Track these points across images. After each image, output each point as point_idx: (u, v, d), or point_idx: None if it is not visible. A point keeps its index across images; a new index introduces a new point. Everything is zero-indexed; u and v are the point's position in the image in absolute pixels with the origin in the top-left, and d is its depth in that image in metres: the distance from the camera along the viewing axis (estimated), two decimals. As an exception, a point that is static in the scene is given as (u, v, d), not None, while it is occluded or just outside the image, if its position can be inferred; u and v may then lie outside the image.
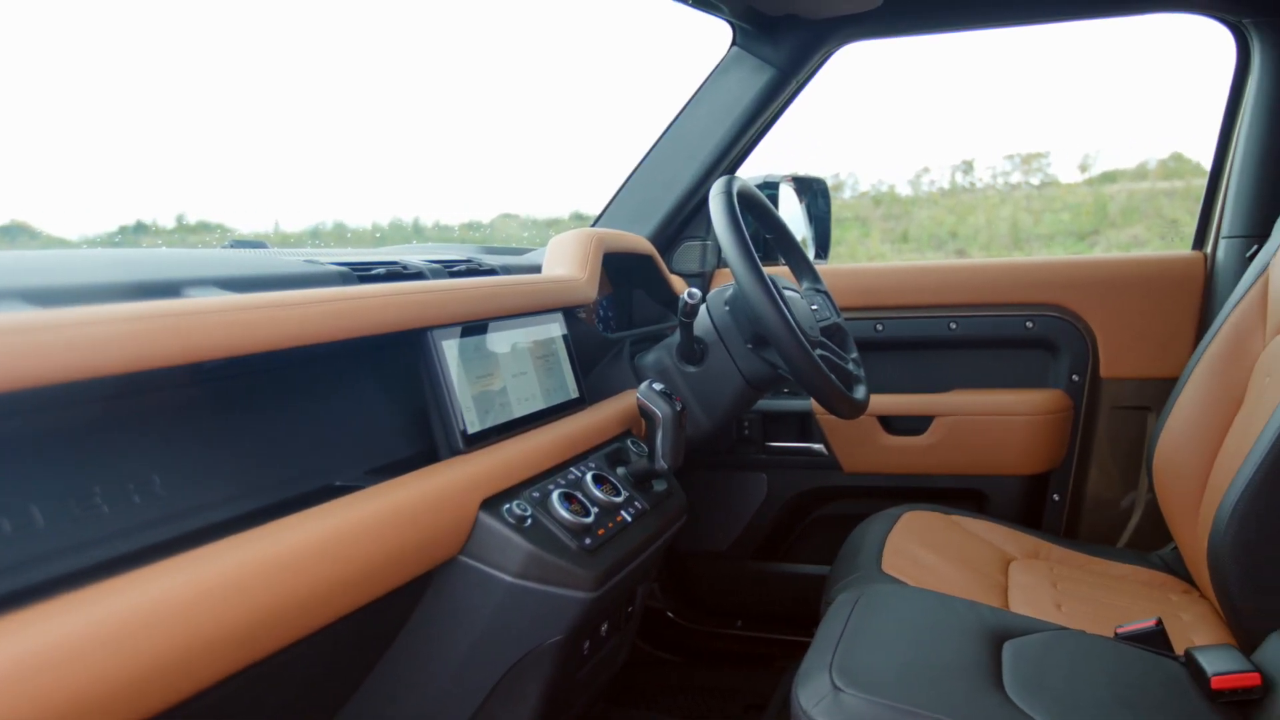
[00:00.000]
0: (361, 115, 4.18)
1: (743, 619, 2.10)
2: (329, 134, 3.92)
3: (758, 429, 2.01)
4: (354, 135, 4.11)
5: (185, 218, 2.35)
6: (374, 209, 4.61)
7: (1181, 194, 6.92)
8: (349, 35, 3.90)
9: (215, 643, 0.67)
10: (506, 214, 4.08)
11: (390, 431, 1.09)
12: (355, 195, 3.98)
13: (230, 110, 3.16)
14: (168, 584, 0.65)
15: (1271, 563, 1.15)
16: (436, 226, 3.39)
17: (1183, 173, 7.06)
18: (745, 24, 1.82)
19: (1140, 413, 1.85)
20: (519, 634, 1.03)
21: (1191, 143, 7.11)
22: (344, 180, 3.67)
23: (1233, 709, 1.03)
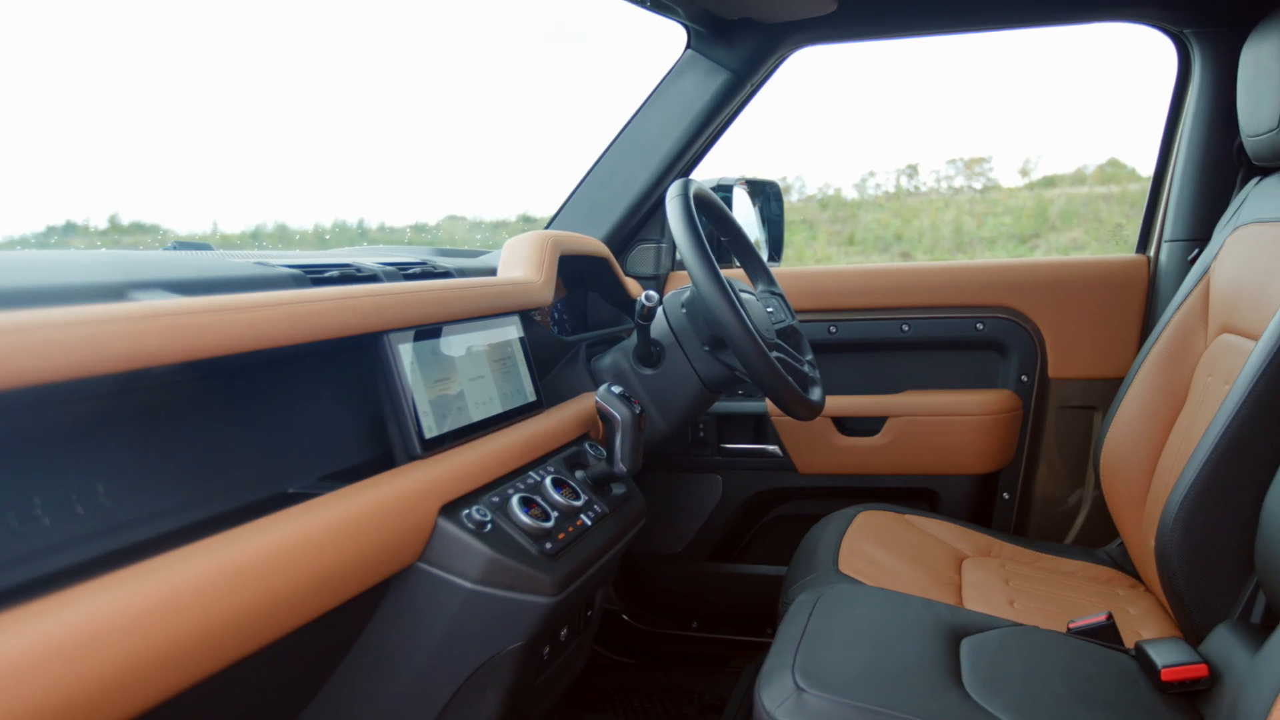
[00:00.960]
0: (302, 115, 4.10)
1: (698, 620, 2.10)
2: (269, 134, 3.84)
3: (713, 431, 2.02)
4: (295, 136, 4.03)
5: (119, 218, 2.28)
6: (317, 210, 4.52)
7: (1118, 198, 7.12)
8: (291, 36, 3.84)
9: (163, 660, 0.65)
10: (453, 216, 4.04)
11: (344, 437, 1.07)
12: (297, 196, 3.90)
13: (165, 109, 3.08)
14: (113, 599, 0.63)
15: (1216, 557, 1.18)
16: (382, 228, 3.34)
17: (1119, 178, 7.26)
18: (700, 27, 1.82)
19: (1087, 412, 1.89)
20: (479, 641, 1.02)
21: (1127, 149, 7.31)
22: (285, 181, 3.60)
23: (1182, 700, 1.06)
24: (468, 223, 4.18)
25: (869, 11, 1.80)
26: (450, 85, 5.98)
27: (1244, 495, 1.15)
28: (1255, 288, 1.31)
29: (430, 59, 5.71)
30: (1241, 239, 1.42)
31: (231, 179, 3.39)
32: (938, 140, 8.19)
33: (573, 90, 7.44)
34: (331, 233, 2.80)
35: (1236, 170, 1.69)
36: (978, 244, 7.11)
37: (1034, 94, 8.43)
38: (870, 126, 8.89)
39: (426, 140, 5.26)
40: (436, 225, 3.83)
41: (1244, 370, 1.19)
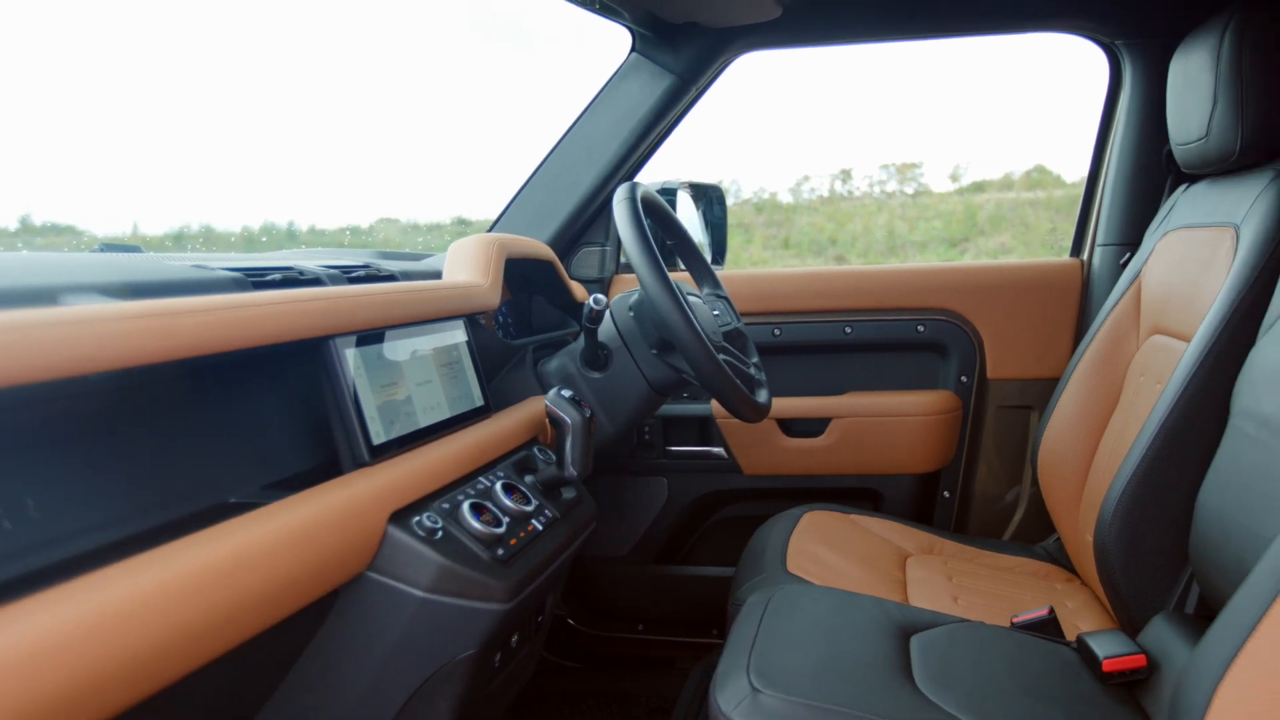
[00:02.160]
0: (226, 114, 3.99)
1: (644, 623, 2.10)
2: (191, 133, 3.72)
3: (658, 434, 2.02)
4: (218, 135, 3.92)
5: (30, 218, 2.19)
6: (244, 212, 4.39)
7: (1044, 204, 7.34)
8: (215, 32, 3.73)
9: (103, 681, 0.62)
10: (386, 218, 3.98)
11: (286, 444, 1.04)
12: (222, 197, 3.78)
13: (80, 106, 2.96)
14: (48, 618, 0.60)
15: (1152, 551, 1.22)
16: (312, 230, 3.27)
17: (1045, 184, 7.49)
18: (646, 31, 1.82)
19: (1024, 411, 1.94)
20: (430, 650, 1.00)
21: (1052, 155, 7.54)
22: (209, 181, 3.50)
23: (1122, 690, 1.09)
24: (401, 225, 4.12)
25: (812, 18, 1.83)
26: (381, 86, 5.88)
27: (1178, 490, 1.20)
28: (1185, 290, 1.36)
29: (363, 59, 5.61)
30: (1171, 244, 1.47)
31: (150, 178, 3.28)
32: (871, 146, 8.34)
33: (508, 92, 7.39)
34: (258, 235, 2.73)
35: (1165, 177, 1.75)
36: (910, 247, 7.26)
37: (963, 101, 8.64)
38: (805, 131, 9.00)
39: (357, 141, 5.15)
40: (370, 227, 3.76)
41: (1176, 370, 1.23)
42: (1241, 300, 1.17)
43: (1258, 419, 1.06)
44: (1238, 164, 1.31)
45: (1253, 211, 1.23)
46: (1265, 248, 1.17)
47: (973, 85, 7.33)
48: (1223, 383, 1.17)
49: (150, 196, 3.28)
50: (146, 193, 3.25)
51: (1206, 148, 1.34)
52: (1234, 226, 1.26)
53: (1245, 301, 1.17)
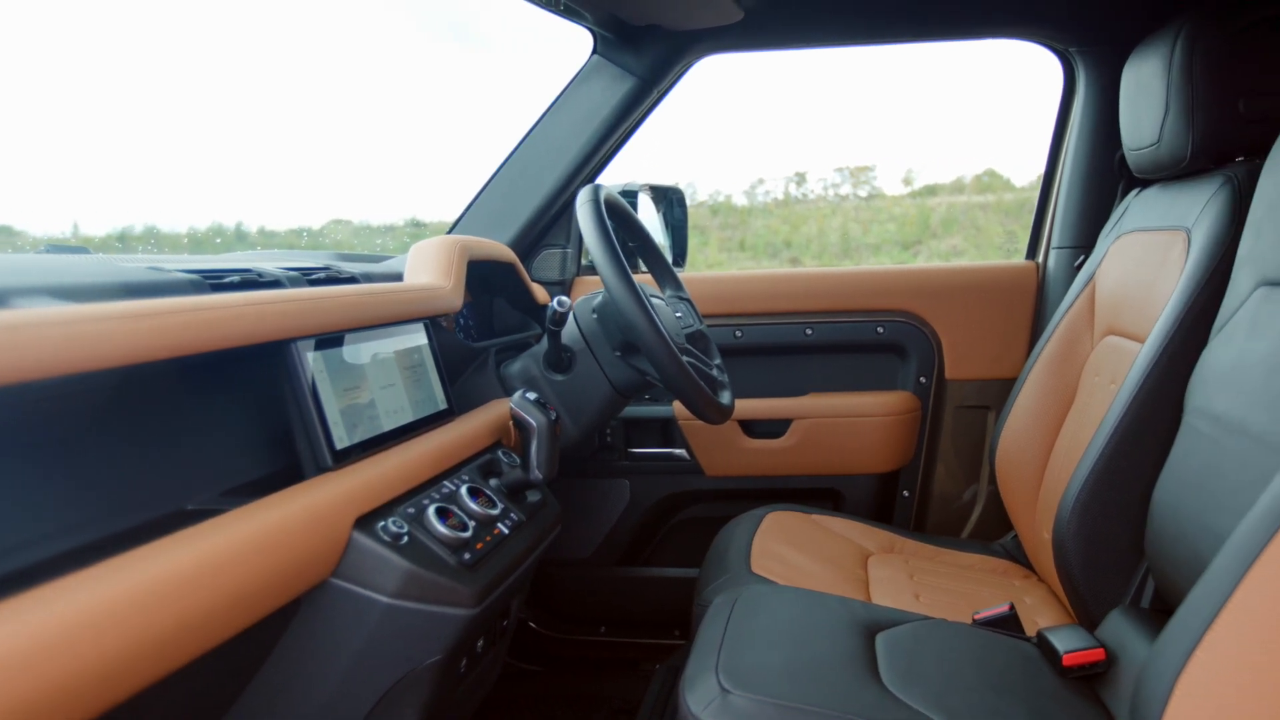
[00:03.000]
0: (169, 111, 3.88)
1: (606, 625, 2.10)
2: (130, 131, 3.62)
3: (620, 436, 2.02)
4: (160, 133, 3.81)
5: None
6: (189, 212, 4.28)
7: (994, 207, 7.47)
8: (156, 28, 3.63)
9: (51, 697, 0.60)
10: (338, 219, 3.91)
11: (245, 449, 1.02)
12: (165, 197, 3.67)
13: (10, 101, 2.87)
14: (2, 631, 0.58)
15: (1109, 547, 1.25)
16: (262, 232, 3.21)
17: (995, 187, 7.62)
18: (608, 33, 1.82)
19: (981, 411, 1.97)
20: (396, 657, 0.98)
21: (1003, 160, 7.68)
22: (151, 180, 3.40)
23: (1081, 683, 1.11)
24: (354, 226, 4.06)
25: (774, 22, 1.84)
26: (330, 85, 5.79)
27: (1134, 488, 1.22)
28: (1138, 292, 1.39)
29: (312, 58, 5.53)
30: (1123, 246, 1.51)
31: (89, 176, 3.18)
32: (825, 149, 8.41)
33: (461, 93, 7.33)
34: (205, 235, 2.66)
35: (1118, 181, 1.80)
36: (863, 250, 7.34)
37: (915, 106, 8.76)
38: (760, 135, 9.06)
39: (307, 141, 5.06)
40: (321, 229, 3.69)
41: (1132, 370, 1.26)
42: (1194, 302, 1.20)
43: (1210, 417, 1.09)
44: (1188, 169, 1.34)
45: (1203, 215, 1.26)
46: (1216, 251, 1.21)
47: (925, 90, 7.44)
48: (1176, 382, 1.20)
49: (89, 195, 3.18)
50: (85, 191, 3.15)
51: (1158, 153, 1.38)
52: (1185, 230, 1.30)
53: (1197, 303, 1.20)
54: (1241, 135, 1.28)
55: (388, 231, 4.27)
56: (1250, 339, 1.05)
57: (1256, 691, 0.67)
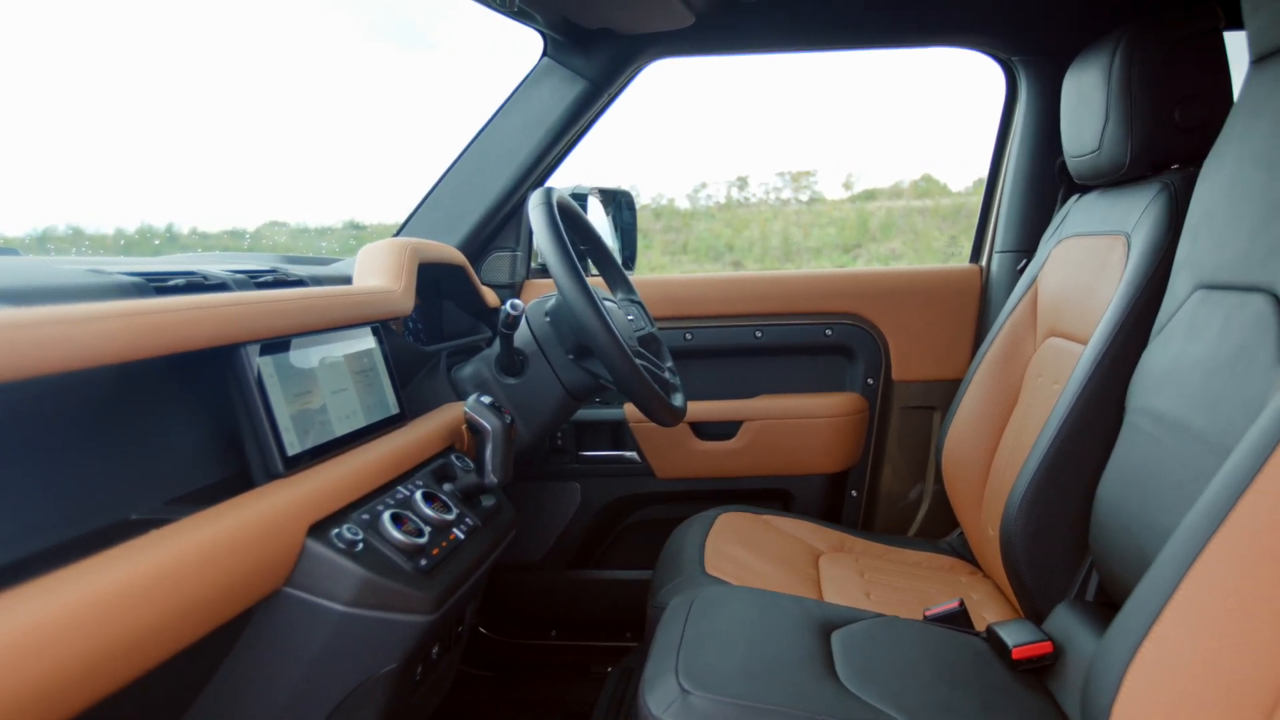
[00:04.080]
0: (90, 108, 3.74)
1: (557, 628, 2.09)
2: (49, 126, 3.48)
3: (570, 439, 2.01)
4: (80, 129, 3.67)
5: None
6: (115, 212, 4.13)
7: (932, 212, 7.63)
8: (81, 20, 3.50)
9: (4, 713, 0.58)
10: (274, 221, 3.84)
11: (190, 456, 0.99)
12: (89, 196, 3.54)
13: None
14: None
15: (1055, 542, 1.28)
16: (194, 233, 3.13)
17: (932, 192, 7.79)
18: (558, 35, 1.81)
19: (927, 412, 2.01)
20: (351, 666, 0.97)
21: (939, 166, 7.84)
22: (73, 179, 3.28)
23: (1030, 676, 1.14)
24: (290, 228, 3.97)
25: (724, 27, 1.85)
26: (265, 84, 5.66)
27: (1078, 485, 1.26)
28: (1079, 295, 1.43)
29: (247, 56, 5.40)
30: (1065, 251, 1.55)
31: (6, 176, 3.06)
32: (766, 153, 8.50)
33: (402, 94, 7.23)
34: (134, 237, 2.58)
35: (1058, 187, 1.85)
36: (804, 253, 7.44)
37: (855, 112, 8.90)
38: (702, 139, 9.12)
39: (239, 140, 4.93)
40: (256, 231, 3.61)
41: (1075, 371, 1.29)
42: (1134, 305, 1.24)
43: (1152, 416, 1.12)
44: (1127, 175, 1.39)
45: (1142, 221, 1.30)
46: (1155, 255, 1.25)
47: (864, 96, 7.58)
48: (1118, 382, 1.23)
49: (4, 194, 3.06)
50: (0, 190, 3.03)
51: (1099, 160, 1.42)
52: (1125, 235, 1.34)
53: (1138, 306, 1.24)
54: (1177, 143, 1.32)
55: (327, 233, 4.20)
56: (1189, 341, 1.09)
57: (1202, 679, 0.70)
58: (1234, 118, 1.13)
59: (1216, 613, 0.71)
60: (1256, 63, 1.10)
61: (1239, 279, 1.02)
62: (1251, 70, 1.11)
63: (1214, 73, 1.31)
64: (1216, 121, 1.22)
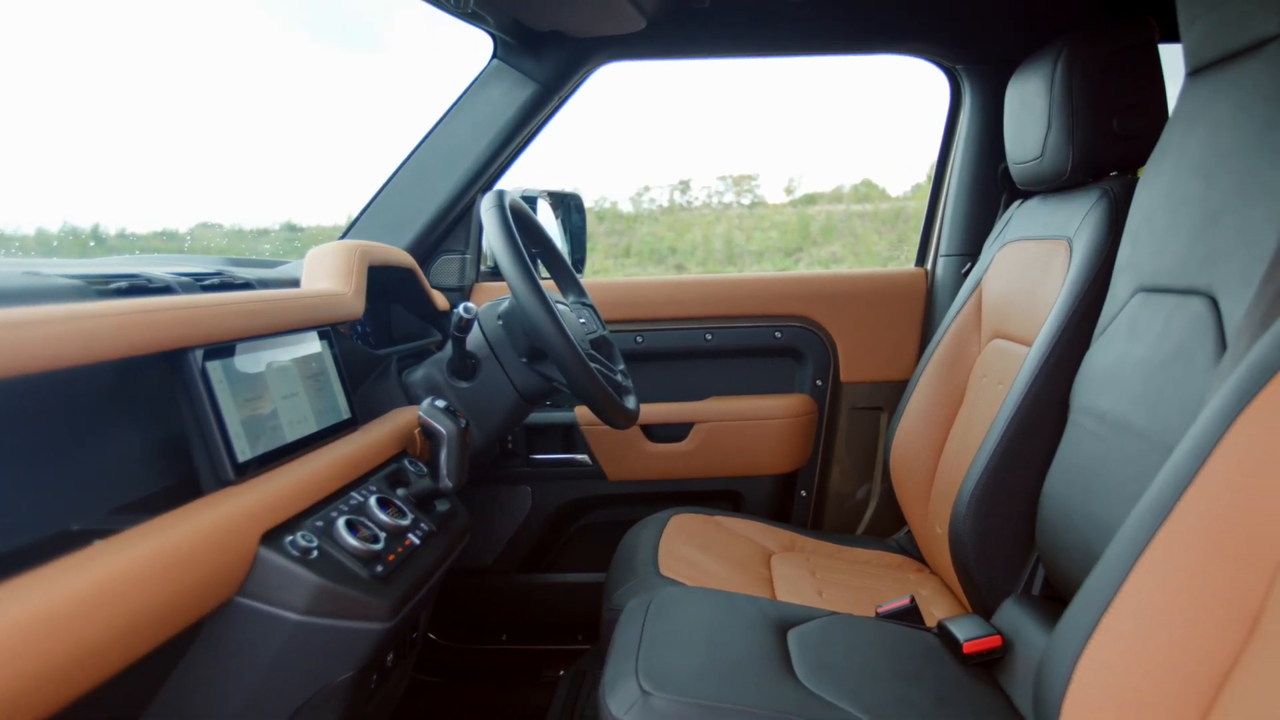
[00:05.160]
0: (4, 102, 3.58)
1: (508, 633, 2.08)
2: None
3: (521, 442, 2.00)
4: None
5: None
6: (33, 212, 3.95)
7: (872, 216, 7.76)
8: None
9: None
10: (206, 223, 3.74)
11: (132, 464, 0.96)
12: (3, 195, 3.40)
13: None
14: None
15: (1003, 539, 1.31)
16: (122, 235, 3.04)
17: (872, 197, 7.92)
18: (508, 37, 1.80)
19: (874, 413, 2.04)
20: (305, 675, 0.95)
21: (879, 170, 7.98)
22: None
23: (980, 669, 1.17)
24: (224, 230, 3.87)
25: (675, 32, 1.86)
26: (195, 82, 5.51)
27: (1025, 483, 1.29)
28: (1022, 298, 1.47)
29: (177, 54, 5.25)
30: (1008, 255, 1.59)
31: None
32: (709, 157, 8.55)
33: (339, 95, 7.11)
34: (57, 238, 2.50)
35: (1001, 192, 1.90)
36: (747, 257, 7.50)
37: (796, 117, 8.99)
38: (645, 142, 9.13)
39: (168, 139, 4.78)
40: (187, 232, 3.50)
41: (1020, 372, 1.33)
42: (1077, 307, 1.28)
43: (1095, 415, 1.16)
44: (1069, 182, 1.43)
45: (1084, 226, 1.34)
46: (1096, 259, 1.29)
47: (805, 101, 7.66)
48: (1062, 383, 1.27)
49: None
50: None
51: (1041, 167, 1.46)
52: (1067, 239, 1.38)
53: (1080, 308, 1.28)
54: (1116, 151, 1.37)
55: (262, 235, 4.10)
56: (1130, 342, 1.12)
57: (1149, 668, 0.72)
58: (1171, 127, 1.17)
59: (1163, 605, 0.73)
60: (1192, 75, 1.14)
61: (1178, 283, 1.06)
62: (1187, 82, 1.15)
63: (1150, 83, 1.36)
64: (1153, 130, 1.26)
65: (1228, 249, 0.97)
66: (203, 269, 1.26)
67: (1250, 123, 0.99)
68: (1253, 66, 1.00)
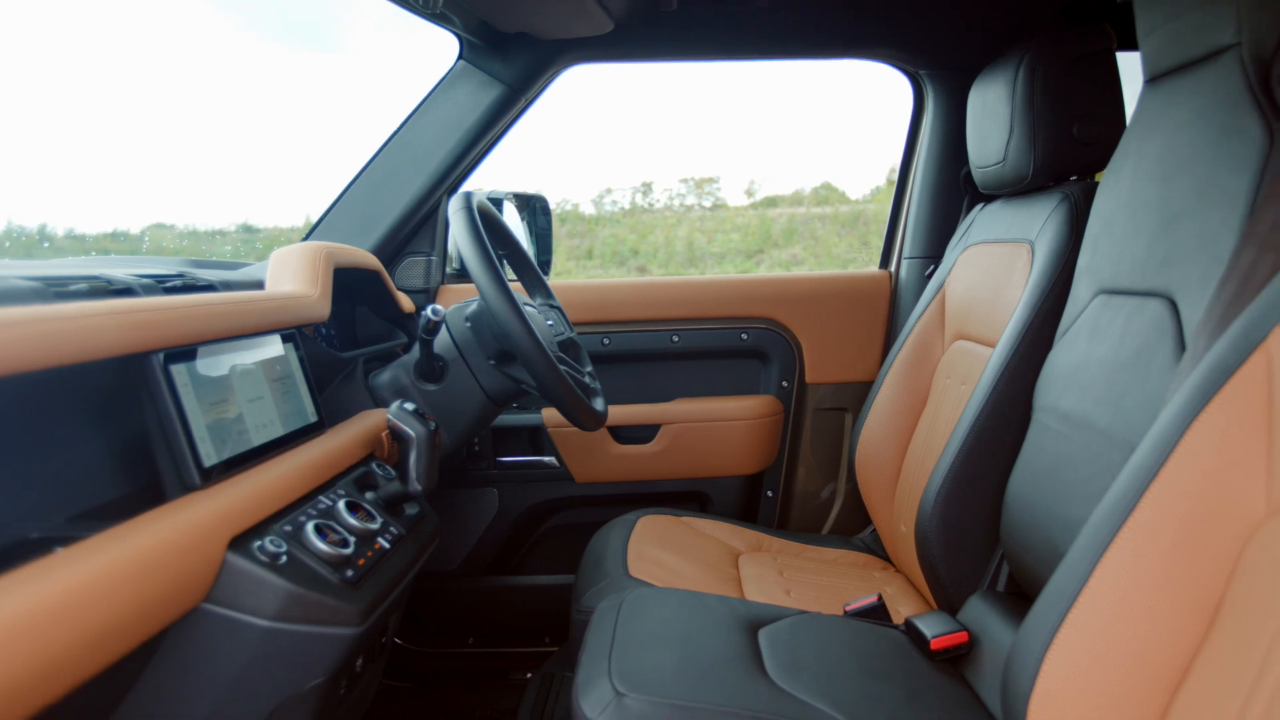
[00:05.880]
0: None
1: (474, 636, 2.07)
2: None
3: (488, 444, 1.99)
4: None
5: None
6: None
7: (832, 218, 7.84)
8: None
9: None
10: (159, 223, 3.67)
11: (90, 469, 0.94)
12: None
13: None
14: None
15: (968, 537, 1.33)
16: (70, 235, 2.98)
17: (831, 200, 8.00)
18: (475, 39, 1.79)
19: (839, 413, 2.06)
20: (275, 683, 0.94)
21: (838, 174, 8.07)
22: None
23: (948, 664, 1.18)
24: (178, 231, 3.80)
25: (643, 34, 1.87)
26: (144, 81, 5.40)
27: (990, 481, 1.31)
28: (985, 300, 1.49)
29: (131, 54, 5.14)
30: (970, 257, 1.61)
31: None
32: (671, 160, 8.59)
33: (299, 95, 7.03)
34: (7, 239, 2.44)
35: (964, 196, 1.92)
36: (709, 258, 7.54)
37: (757, 120, 9.06)
38: (607, 145, 9.15)
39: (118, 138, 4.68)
40: (140, 233, 3.44)
41: (984, 373, 1.35)
42: (1039, 309, 1.31)
43: (1059, 414, 1.18)
44: (1030, 186, 1.45)
45: (1045, 229, 1.37)
46: (1058, 262, 1.31)
47: (766, 105, 7.74)
48: (1026, 383, 1.29)
49: None
50: None
51: (1003, 171, 1.49)
52: (1029, 242, 1.41)
53: (1043, 310, 1.30)
54: (1076, 156, 1.40)
55: (218, 236, 4.04)
56: (1092, 343, 1.15)
57: (1114, 661, 0.74)
58: (1130, 133, 1.20)
59: (1127, 599, 0.75)
60: (1150, 82, 1.17)
61: (1137, 285, 1.08)
62: (1145, 89, 1.18)
63: (1108, 90, 1.39)
64: (1112, 136, 1.29)
65: (1186, 252, 1.00)
66: (164, 270, 1.24)
67: (1207, 129, 1.01)
68: (1209, 74, 1.03)
